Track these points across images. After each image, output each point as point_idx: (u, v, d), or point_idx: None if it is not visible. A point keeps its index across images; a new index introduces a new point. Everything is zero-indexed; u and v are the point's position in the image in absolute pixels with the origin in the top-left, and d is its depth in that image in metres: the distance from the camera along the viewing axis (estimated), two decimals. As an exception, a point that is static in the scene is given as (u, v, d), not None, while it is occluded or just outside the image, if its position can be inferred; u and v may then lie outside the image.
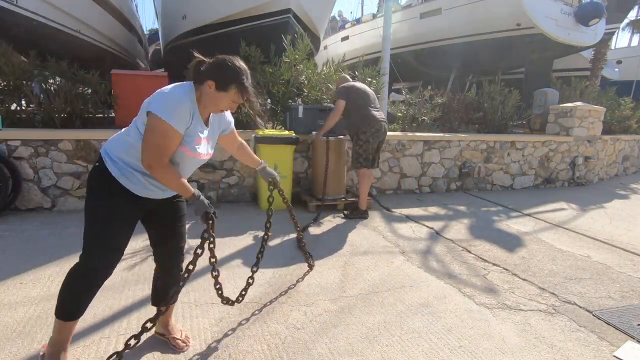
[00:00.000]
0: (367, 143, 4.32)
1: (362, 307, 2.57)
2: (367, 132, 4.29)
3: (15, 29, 6.70)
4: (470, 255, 3.60)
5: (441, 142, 6.05)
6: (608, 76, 14.46)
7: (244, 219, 4.27)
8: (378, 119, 4.34)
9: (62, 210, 4.29)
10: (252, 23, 7.84)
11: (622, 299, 2.88)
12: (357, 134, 4.34)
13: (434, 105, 6.82)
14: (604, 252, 3.85)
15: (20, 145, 4.11)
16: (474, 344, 2.23)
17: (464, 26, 11.19)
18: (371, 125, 4.29)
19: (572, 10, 10.19)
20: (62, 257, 3.09)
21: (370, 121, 4.29)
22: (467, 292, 2.85)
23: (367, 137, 4.30)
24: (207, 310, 2.45)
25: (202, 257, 3.32)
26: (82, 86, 5.10)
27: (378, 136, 4.38)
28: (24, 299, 2.47)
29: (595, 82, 12.37)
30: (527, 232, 4.36)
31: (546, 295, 2.87)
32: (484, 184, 6.51)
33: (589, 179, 7.50)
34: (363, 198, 4.50)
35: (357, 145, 4.37)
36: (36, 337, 2.09)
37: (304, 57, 5.64)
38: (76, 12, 8.25)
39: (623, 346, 2.27)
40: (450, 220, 4.66)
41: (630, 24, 16.94)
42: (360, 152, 4.36)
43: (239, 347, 2.10)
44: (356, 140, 4.38)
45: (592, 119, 7.15)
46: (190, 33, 9.47)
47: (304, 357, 2.04)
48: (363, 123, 4.30)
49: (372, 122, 4.29)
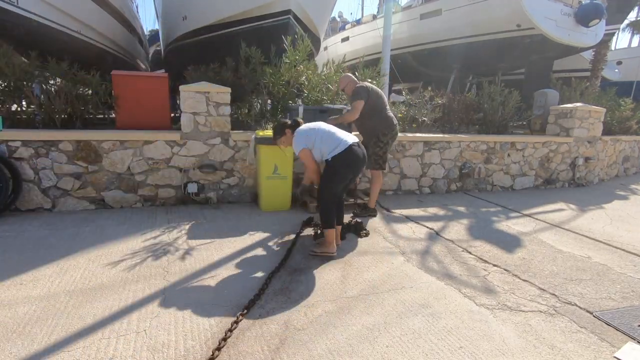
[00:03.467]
0: (387, 145, 4.45)
1: (362, 308, 2.57)
2: (388, 134, 4.41)
3: (15, 30, 6.72)
4: (471, 256, 3.60)
5: (441, 142, 6.05)
6: (608, 77, 14.45)
7: (244, 219, 4.27)
8: (395, 122, 4.50)
9: (63, 211, 4.29)
10: (253, 24, 7.86)
11: (622, 299, 2.87)
12: (378, 136, 4.41)
13: (434, 106, 6.82)
14: (605, 253, 3.85)
15: (20, 146, 4.11)
16: (475, 344, 2.22)
17: (464, 27, 11.21)
18: (391, 127, 4.43)
19: (572, 11, 10.20)
20: (62, 258, 3.09)
21: (390, 124, 4.42)
22: (468, 293, 2.85)
23: (387, 139, 4.42)
24: (207, 310, 2.45)
25: (200, 260, 3.33)
26: (82, 87, 5.10)
27: (395, 138, 4.57)
28: (24, 300, 2.47)
29: (596, 83, 12.37)
30: (528, 232, 4.35)
31: (547, 296, 2.86)
32: (484, 184, 6.51)
33: (590, 179, 7.50)
34: (374, 198, 4.63)
35: (378, 147, 4.43)
36: (36, 337, 2.09)
37: (304, 58, 5.64)
38: (76, 13, 8.27)
39: (623, 347, 2.27)
40: (451, 220, 4.66)
41: (631, 25, 16.96)
42: (380, 153, 4.44)
43: (239, 347, 2.10)
44: (376, 142, 4.42)
45: (592, 120, 7.15)
46: (191, 34, 9.49)
47: (304, 358, 2.04)
48: (384, 125, 4.40)
49: (391, 125, 4.43)
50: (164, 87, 5.28)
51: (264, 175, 4.46)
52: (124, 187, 4.51)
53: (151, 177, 4.59)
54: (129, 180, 4.52)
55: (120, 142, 4.41)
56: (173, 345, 2.10)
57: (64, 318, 2.29)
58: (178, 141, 4.61)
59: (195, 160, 4.69)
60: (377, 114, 4.39)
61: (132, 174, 4.51)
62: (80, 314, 2.34)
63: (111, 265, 3.00)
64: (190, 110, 4.57)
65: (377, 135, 4.42)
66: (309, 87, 5.67)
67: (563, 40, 10.27)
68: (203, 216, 4.31)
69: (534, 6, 9.73)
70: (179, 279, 2.82)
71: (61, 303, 2.45)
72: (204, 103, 4.60)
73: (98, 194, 4.43)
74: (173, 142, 4.61)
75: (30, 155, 4.15)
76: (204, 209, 4.60)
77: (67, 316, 2.31)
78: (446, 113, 6.99)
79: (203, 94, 4.58)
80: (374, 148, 4.43)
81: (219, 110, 4.68)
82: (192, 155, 4.69)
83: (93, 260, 3.07)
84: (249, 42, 5.93)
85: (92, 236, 3.59)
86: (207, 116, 4.64)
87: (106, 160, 4.40)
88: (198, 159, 4.70)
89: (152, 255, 3.23)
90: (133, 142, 4.46)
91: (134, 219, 4.15)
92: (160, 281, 2.77)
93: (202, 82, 4.81)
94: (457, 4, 11.19)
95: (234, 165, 4.86)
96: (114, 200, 4.49)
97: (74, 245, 3.35)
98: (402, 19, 13.19)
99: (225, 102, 4.70)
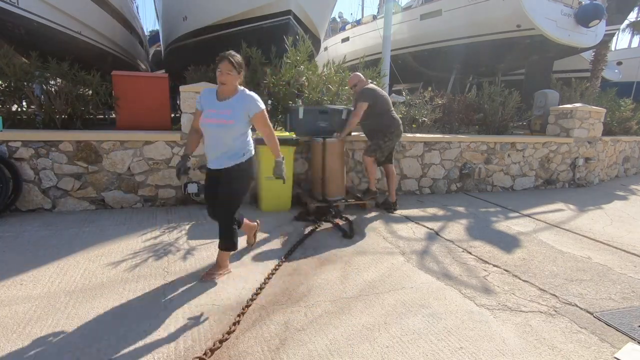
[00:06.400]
0: (390, 141, 4.79)
1: (362, 308, 2.56)
2: (394, 132, 4.77)
3: (16, 30, 6.72)
4: (471, 256, 3.60)
5: (441, 143, 6.05)
6: (608, 77, 14.44)
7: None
8: (399, 121, 4.85)
9: (63, 212, 4.29)
10: (253, 24, 7.86)
11: (623, 300, 2.87)
12: (385, 133, 4.71)
13: (434, 106, 6.82)
14: (605, 253, 3.84)
15: (20, 146, 4.12)
16: (475, 345, 2.22)
17: (464, 27, 11.21)
18: (397, 127, 4.78)
19: (573, 11, 10.20)
20: (63, 258, 3.09)
21: (397, 124, 4.77)
22: (468, 294, 2.85)
23: (392, 137, 4.77)
24: (207, 310, 2.45)
25: (201, 260, 3.32)
26: (82, 87, 5.10)
27: (399, 136, 4.90)
28: (24, 300, 2.47)
29: (596, 84, 12.35)
30: (528, 233, 4.35)
31: (547, 297, 2.86)
32: (484, 185, 6.51)
33: (590, 180, 7.50)
34: (392, 192, 5.03)
35: (382, 140, 4.72)
36: (36, 338, 2.09)
37: (304, 58, 5.65)
38: (77, 13, 8.27)
39: (624, 348, 2.26)
40: (451, 221, 4.66)
41: (631, 26, 16.98)
42: (382, 145, 4.73)
43: (239, 347, 2.10)
44: (382, 137, 4.72)
45: (592, 120, 7.15)
46: (191, 34, 9.48)
47: (303, 358, 2.04)
48: (391, 125, 4.72)
49: (397, 125, 4.78)
50: (164, 87, 5.28)
51: (264, 175, 4.46)
52: (124, 188, 4.51)
53: (151, 177, 4.59)
54: (129, 180, 4.52)
55: (120, 143, 4.42)
56: (173, 345, 2.10)
57: (64, 318, 2.29)
58: (178, 142, 4.61)
59: (196, 160, 4.70)
60: (384, 115, 4.72)
61: (133, 174, 4.52)
62: (80, 314, 2.34)
63: (111, 266, 3.00)
64: (190, 110, 4.57)
65: (383, 132, 4.72)
66: (309, 87, 5.67)
67: (563, 40, 10.27)
68: (203, 216, 4.31)
69: (534, 7, 9.73)
70: (179, 279, 2.82)
71: (61, 303, 2.45)
72: (204, 103, 4.60)
73: (98, 195, 4.43)
74: (173, 142, 4.61)
75: (30, 155, 4.15)
76: (204, 209, 4.57)
77: (68, 316, 2.31)
78: (446, 113, 6.99)
79: (203, 94, 4.58)
80: (378, 140, 4.72)
81: (219, 110, 4.68)
82: (192, 156, 4.67)
83: (93, 261, 3.07)
84: (250, 42, 5.94)
85: (92, 236, 3.59)
86: (208, 116, 4.64)
87: (106, 161, 4.40)
88: (198, 159, 4.70)
89: (153, 255, 3.23)
90: (133, 143, 4.46)
91: (134, 219, 4.16)
92: (160, 281, 2.77)
93: (202, 82, 4.81)
94: (457, 5, 11.20)
95: (234, 165, 4.85)
96: (114, 200, 4.49)
97: (74, 246, 3.35)
98: (402, 20, 13.20)
99: (226, 102, 4.69)
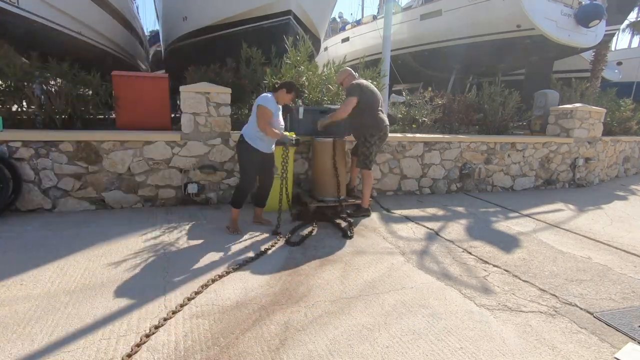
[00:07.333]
0: (374, 146, 4.43)
1: (362, 309, 2.56)
2: (376, 135, 4.40)
3: (16, 30, 6.72)
4: (471, 256, 3.60)
5: (441, 143, 6.05)
6: (608, 77, 14.45)
7: (244, 220, 4.26)
8: (386, 123, 4.46)
9: (63, 212, 4.29)
10: (253, 24, 7.86)
11: (623, 300, 2.87)
12: (366, 136, 4.40)
13: (434, 106, 6.82)
14: (605, 253, 3.84)
15: (21, 146, 4.12)
16: (475, 345, 2.22)
17: (464, 28, 11.21)
18: (380, 129, 4.40)
19: (573, 11, 10.20)
20: (63, 258, 3.09)
21: (380, 125, 4.39)
22: (468, 294, 2.85)
23: (375, 140, 4.41)
24: (207, 310, 2.45)
25: (201, 260, 3.32)
26: (83, 87, 5.11)
27: (384, 139, 4.53)
28: (24, 299, 2.47)
29: (596, 84, 12.36)
30: (528, 233, 4.35)
31: (547, 297, 2.86)
32: (484, 185, 6.50)
33: (590, 180, 7.50)
34: (366, 197, 4.61)
35: (365, 147, 4.43)
36: (36, 337, 2.09)
37: (304, 58, 5.65)
38: (77, 13, 8.28)
39: (624, 348, 2.26)
40: (451, 221, 4.66)
41: (631, 26, 16.97)
42: (367, 153, 4.44)
43: (239, 347, 2.10)
44: (363, 142, 4.43)
45: (592, 121, 7.15)
46: (191, 34, 9.49)
47: (303, 358, 2.04)
48: (373, 127, 4.38)
49: (381, 127, 4.40)
50: (164, 87, 5.28)
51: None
52: (125, 188, 4.51)
53: (151, 177, 4.59)
54: (130, 180, 4.52)
55: (120, 143, 4.42)
56: (173, 345, 2.10)
57: (64, 318, 2.29)
58: (178, 142, 4.61)
59: (196, 160, 4.70)
60: (368, 112, 4.35)
61: (133, 174, 4.52)
62: (80, 314, 2.34)
63: (111, 266, 3.00)
64: (190, 110, 4.58)
65: (364, 135, 4.42)
66: (309, 87, 5.67)
67: (563, 40, 10.27)
68: (203, 216, 4.31)
69: (534, 7, 9.73)
70: (179, 279, 2.83)
71: (61, 303, 2.45)
72: (204, 104, 4.60)
73: (98, 195, 4.43)
74: (173, 142, 4.61)
75: (30, 155, 4.15)
76: (204, 209, 4.61)
77: (68, 316, 2.31)
78: (446, 114, 6.99)
79: (203, 94, 4.59)
80: (362, 147, 4.47)
81: (220, 110, 4.69)
82: (193, 156, 4.69)
83: (93, 261, 3.08)
84: (250, 42, 5.94)
85: (92, 236, 3.59)
86: (208, 117, 4.65)
87: (106, 161, 4.40)
88: (198, 159, 4.71)
89: (153, 255, 3.23)
90: (133, 143, 4.46)
91: (134, 219, 4.16)
92: (160, 281, 2.77)
93: (202, 82, 4.82)
94: (457, 5, 11.20)
95: (235, 165, 4.86)
96: (114, 200, 4.49)
97: (74, 246, 3.35)
98: (402, 20, 13.21)
99: (226, 102, 4.71)
